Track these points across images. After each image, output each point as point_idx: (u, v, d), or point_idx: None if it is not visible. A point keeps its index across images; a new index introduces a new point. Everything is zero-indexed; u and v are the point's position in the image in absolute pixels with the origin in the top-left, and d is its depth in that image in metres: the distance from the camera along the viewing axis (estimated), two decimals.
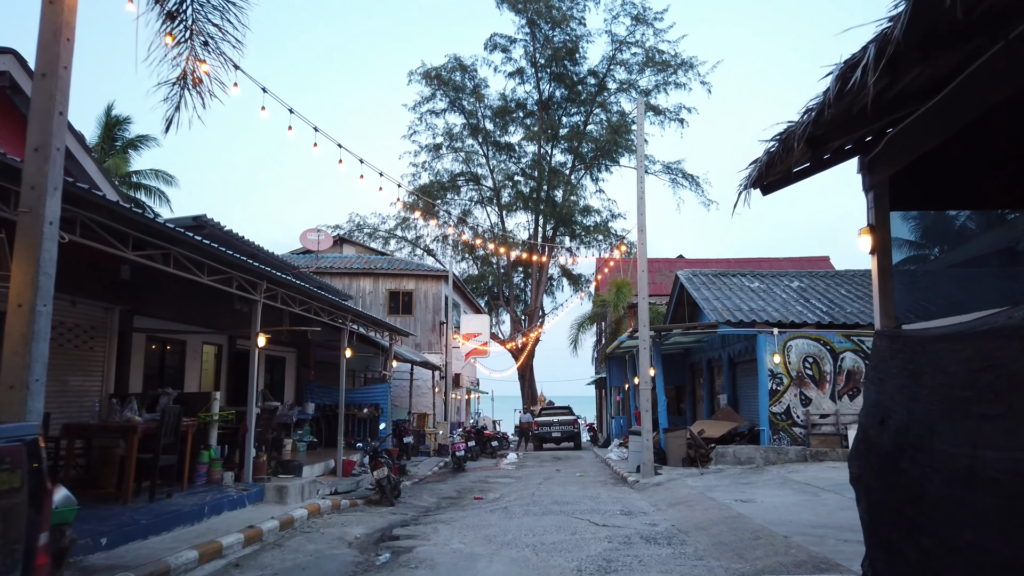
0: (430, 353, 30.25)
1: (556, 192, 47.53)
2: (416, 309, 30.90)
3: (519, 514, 10.87)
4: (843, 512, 9.21)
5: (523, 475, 19.37)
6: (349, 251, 33.55)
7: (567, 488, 14.75)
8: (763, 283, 19.43)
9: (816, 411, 15.51)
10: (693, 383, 24.27)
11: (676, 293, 21.98)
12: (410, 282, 31.15)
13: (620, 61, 45.81)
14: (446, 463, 22.44)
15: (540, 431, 30.94)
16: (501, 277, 47.78)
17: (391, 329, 19.00)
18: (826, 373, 15.66)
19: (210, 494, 9.56)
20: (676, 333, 16.99)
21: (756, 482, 12.75)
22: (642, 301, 15.16)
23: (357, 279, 31.06)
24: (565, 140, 47.07)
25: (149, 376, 12.45)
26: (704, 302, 17.45)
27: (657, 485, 13.80)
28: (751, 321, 15.95)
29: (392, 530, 9.91)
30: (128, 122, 35.25)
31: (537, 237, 47.51)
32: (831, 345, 15.73)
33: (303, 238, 15.04)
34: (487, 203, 48.15)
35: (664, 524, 9.57)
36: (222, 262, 9.44)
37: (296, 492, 10.80)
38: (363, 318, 16.44)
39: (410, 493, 15.12)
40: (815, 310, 16.89)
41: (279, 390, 18.89)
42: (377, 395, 19.48)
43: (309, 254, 32.79)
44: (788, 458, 14.90)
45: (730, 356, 18.52)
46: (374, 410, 19.41)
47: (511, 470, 21.33)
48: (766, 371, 15.60)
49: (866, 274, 21.25)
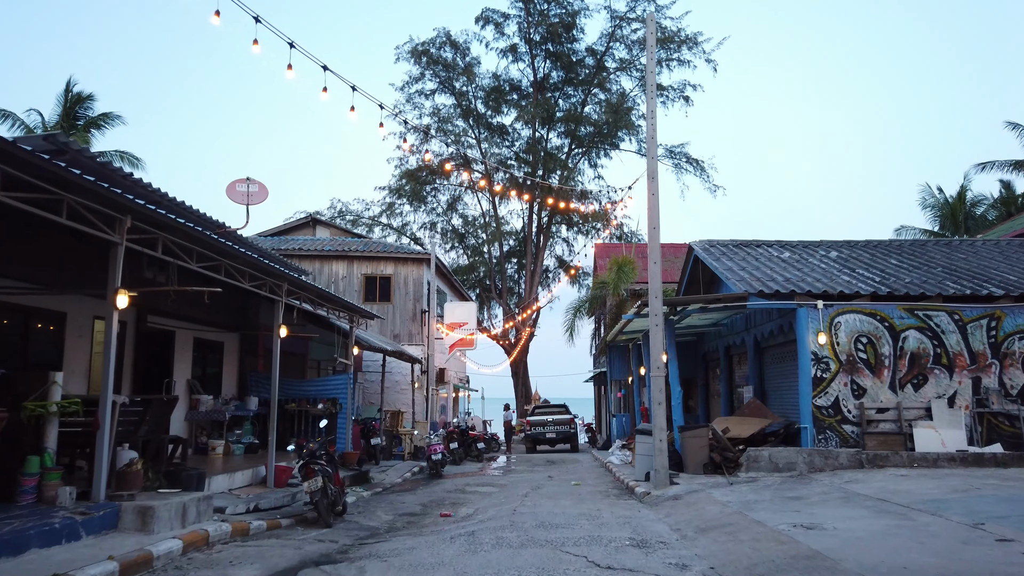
0: (410, 345, 27.11)
1: (552, 178, 44.41)
2: (395, 296, 27.76)
3: (488, 545, 7.72)
4: (971, 549, 6.07)
5: (509, 482, 16.23)
6: (323, 234, 30.40)
7: (559, 502, 11.61)
8: (794, 253, 16.28)
9: (872, 404, 12.37)
10: (707, 375, 21.14)
11: (688, 271, 18.84)
12: (388, 266, 28.01)
13: (619, 38, 42.70)
14: (422, 468, 19.33)
15: (533, 432, 27.82)
16: (493, 268, 44.66)
17: (350, 308, 15.84)
18: (883, 356, 12.52)
19: (22, 519, 6.41)
20: (694, 309, 13.85)
21: (808, 496, 9.60)
22: (653, 265, 12.03)
23: (329, 262, 27.93)
24: (562, 122, 43.93)
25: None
26: (728, 272, 14.31)
27: (675, 499, 10.65)
28: (789, 292, 12.80)
29: (299, 573, 6.77)
30: (91, 99, 32.11)
31: (531, 225, 44.42)
32: (889, 321, 12.59)
33: (230, 191, 11.90)
34: (479, 189, 45.01)
35: (699, 566, 6.41)
36: (62, 183, 6.34)
37: (173, 515, 7.63)
38: (308, 290, 13.27)
39: (362, 508, 11.97)
40: (866, 280, 13.75)
41: (214, 381, 15.73)
42: (334, 388, 16.32)
43: (278, 236, 29.66)
44: (839, 463, 11.75)
45: (756, 339, 15.38)
46: (331, 406, 16.25)
47: (496, 476, 18.18)
48: (808, 354, 12.46)
49: (919, 244, 18.11)
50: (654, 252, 12.12)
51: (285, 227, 30.15)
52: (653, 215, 12.14)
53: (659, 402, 11.69)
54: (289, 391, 16.71)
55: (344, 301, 14.92)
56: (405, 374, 26.15)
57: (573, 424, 27.98)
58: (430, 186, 44.12)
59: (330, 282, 27.17)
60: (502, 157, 44.21)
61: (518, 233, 46.91)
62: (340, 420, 16.30)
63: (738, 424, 13.59)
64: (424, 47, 41.38)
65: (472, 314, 27.36)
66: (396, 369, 27.28)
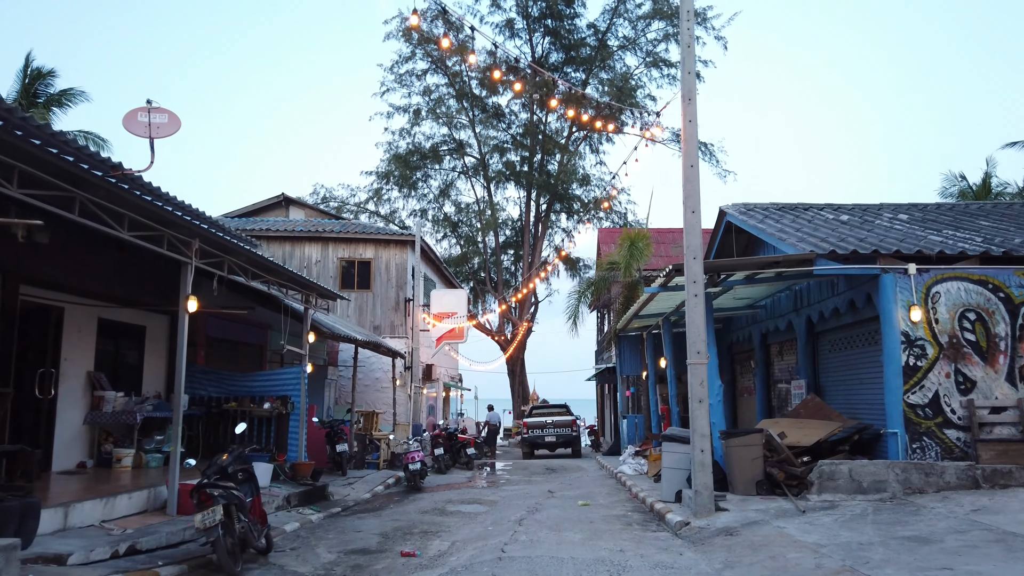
0: (393, 337, 23.98)
1: (551, 162, 41.33)
2: (375, 283, 24.64)
3: None
4: None
5: (501, 498, 13.15)
6: (298, 215, 27.25)
7: (563, 535, 8.48)
8: (853, 216, 13.13)
9: (984, 401, 9.25)
10: (733, 370, 18.04)
11: (716, 243, 15.70)
12: (368, 249, 24.88)
13: (622, 13, 39.56)
14: (399, 479, 16.28)
15: (530, 435, 24.72)
16: (488, 259, 41.50)
17: (302, 284, 12.71)
18: (998, 337, 9.42)
19: None
20: (738, 280, 10.71)
21: (934, 537, 6.49)
22: (691, 215, 8.90)
23: (300, 245, 24.80)
24: (562, 104, 40.74)
25: None
26: (780, 235, 11.19)
27: (728, 535, 7.53)
28: (871, 253, 9.68)
29: None
30: (53, 75, 29.04)
31: (529, 214, 41.28)
32: (1005, 291, 9.49)
33: (128, 121, 8.73)
34: (472, 174, 41.89)
35: None
36: None
37: None
38: (235, 254, 10.11)
39: (301, 541, 8.87)
40: (966, 240, 10.64)
41: (133, 375, 12.59)
42: (284, 383, 13.20)
43: (245, 218, 26.53)
44: (945, 482, 8.64)
45: (811, 321, 12.25)
46: (280, 405, 13.12)
47: (486, 490, 15.08)
48: (897, 335, 9.35)
49: (1004, 204, 14.97)
50: (691, 197, 8.99)
51: (254, 207, 27.01)
52: (690, 148, 9.03)
53: (700, 399, 8.59)
54: (230, 387, 13.60)
55: (292, 273, 11.77)
56: (385, 370, 23.03)
57: (575, 426, 24.91)
58: (421, 171, 40.98)
59: (302, 267, 24.03)
60: (498, 141, 41.03)
61: (515, 222, 43.76)
62: (292, 423, 13.17)
63: (795, 428, 10.47)
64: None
65: (462, 302, 24.24)
66: (376, 364, 24.16)
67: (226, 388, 13.47)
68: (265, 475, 11.35)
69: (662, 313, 14.31)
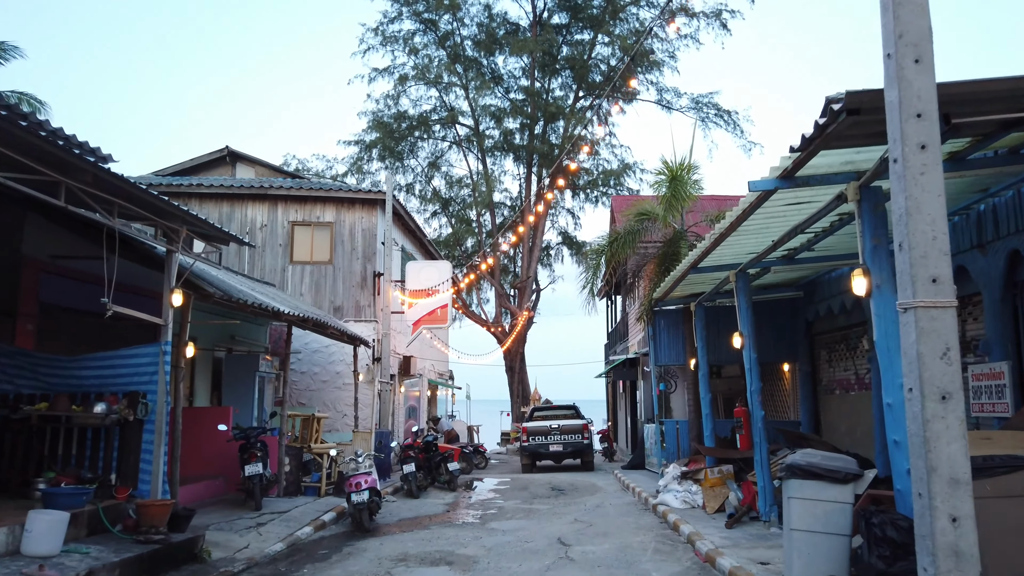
0: (357, 321, 18.95)
1: (553, 131, 36.28)
2: (337, 253, 19.62)
3: None
4: None
5: (483, 554, 8.12)
6: (246, 173, 22.18)
7: None
8: None
9: None
10: (813, 358, 12.97)
11: None
12: (327, 210, 19.85)
13: None
14: (342, 511, 11.34)
15: (532, 443, 19.69)
16: (483, 240, 36.45)
17: (157, 210, 7.63)
18: None
19: None
20: None
21: None
22: None
23: (243, 205, 19.78)
24: (567, 65, 35.63)
25: None
26: None
27: None
28: None
29: None
30: None
31: (530, 191, 36.20)
32: None
33: None
34: (466, 145, 36.87)
35: None
36: None
37: None
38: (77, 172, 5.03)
39: None
40: None
41: None
42: (131, 372, 8.12)
43: (181, 176, 21.51)
44: None
45: (1014, 258, 7.09)
46: (124, 407, 8.02)
47: (464, 531, 10.00)
48: None
49: None
50: None
51: (192, 164, 21.94)
52: None
53: (943, 392, 3.50)
54: (48, 379, 8.51)
55: (140, 189, 6.63)
56: (346, 361, 17.99)
57: (587, 432, 19.86)
58: (407, 140, 35.96)
59: (243, 232, 19.03)
60: (495, 108, 35.89)
61: (513, 200, 38.70)
62: (146, 434, 8.08)
63: None
64: None
65: (445, 276, 19.19)
66: (338, 356, 19.13)
67: (43, 380, 8.38)
68: (54, 533, 6.29)
69: (731, 267, 9.20)
